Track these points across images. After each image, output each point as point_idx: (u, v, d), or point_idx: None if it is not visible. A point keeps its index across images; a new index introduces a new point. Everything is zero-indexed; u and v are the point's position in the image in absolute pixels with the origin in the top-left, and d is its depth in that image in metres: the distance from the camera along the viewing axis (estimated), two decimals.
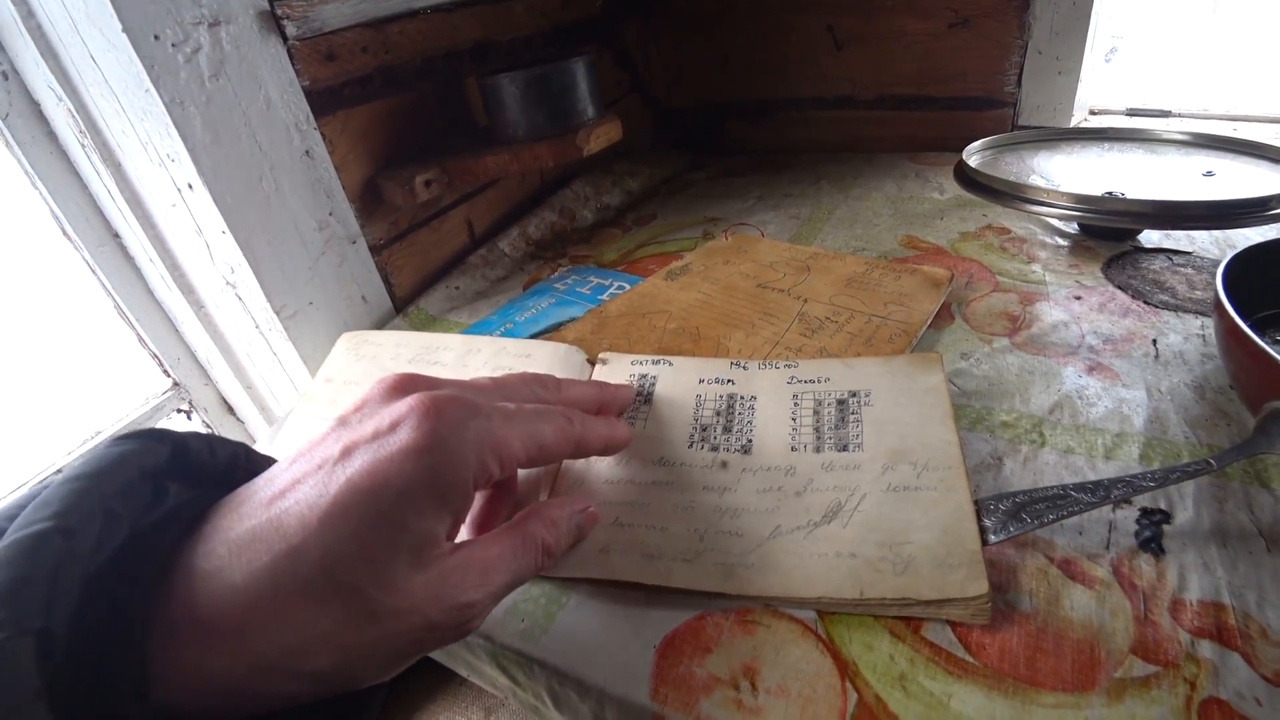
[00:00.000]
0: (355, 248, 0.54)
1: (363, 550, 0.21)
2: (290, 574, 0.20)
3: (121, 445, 0.21)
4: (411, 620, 0.22)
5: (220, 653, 0.19)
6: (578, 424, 0.30)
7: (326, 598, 0.20)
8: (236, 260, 0.46)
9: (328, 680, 0.21)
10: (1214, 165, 0.51)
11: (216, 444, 0.24)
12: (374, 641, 0.21)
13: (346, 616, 0.20)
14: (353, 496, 0.21)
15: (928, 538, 0.29)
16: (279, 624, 0.20)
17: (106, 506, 0.20)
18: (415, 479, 0.22)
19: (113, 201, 0.46)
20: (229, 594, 0.20)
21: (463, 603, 0.23)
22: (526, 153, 0.56)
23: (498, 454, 0.25)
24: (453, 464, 0.23)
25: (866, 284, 0.48)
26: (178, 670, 0.19)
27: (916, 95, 0.74)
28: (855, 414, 0.35)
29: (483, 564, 0.24)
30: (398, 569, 0.22)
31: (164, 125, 0.41)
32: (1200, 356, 0.38)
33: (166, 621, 0.19)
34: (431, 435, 0.23)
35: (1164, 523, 0.29)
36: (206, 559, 0.21)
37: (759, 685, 0.26)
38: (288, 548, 0.20)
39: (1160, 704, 0.23)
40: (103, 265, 0.48)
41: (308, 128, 0.48)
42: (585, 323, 0.49)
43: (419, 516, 0.22)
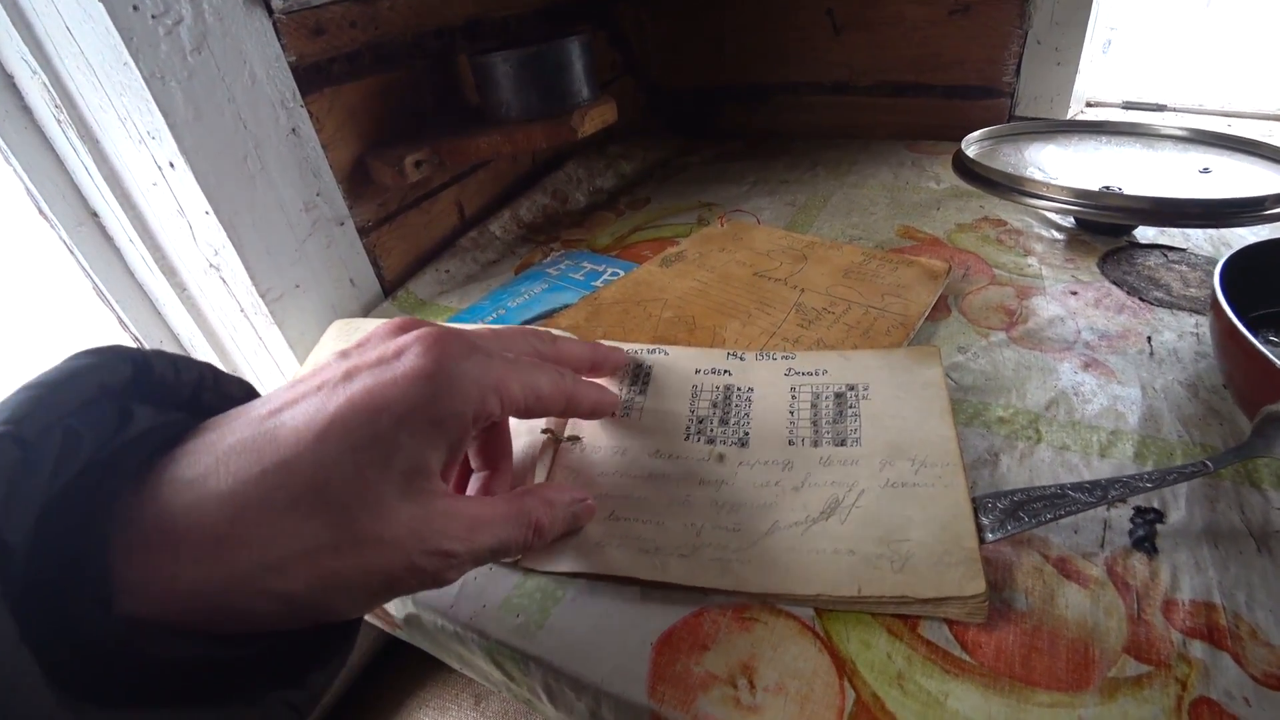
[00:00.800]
0: (343, 229, 0.53)
1: (356, 469, 0.21)
2: (279, 486, 0.20)
3: (79, 359, 0.20)
4: (392, 554, 0.21)
5: (195, 562, 0.19)
6: (569, 380, 0.30)
7: (313, 514, 0.20)
8: (220, 242, 0.45)
9: (299, 604, 0.20)
10: (1210, 162, 0.51)
11: (181, 364, 0.23)
12: (352, 569, 0.21)
13: (330, 537, 0.20)
14: (352, 414, 0.21)
15: (925, 535, 0.29)
16: (261, 537, 0.19)
17: (66, 425, 0.19)
18: (416, 403, 0.22)
19: (90, 180, 0.44)
20: (212, 502, 0.19)
21: (444, 549, 0.23)
22: (519, 133, 0.55)
23: (499, 392, 0.25)
24: (454, 393, 0.23)
25: (864, 274, 0.48)
26: (146, 581, 0.18)
27: (914, 82, 0.73)
28: (853, 408, 0.35)
29: (471, 518, 0.24)
30: (387, 493, 0.21)
31: (144, 101, 0.39)
32: (1194, 355, 0.38)
33: (137, 532, 0.19)
34: (435, 364, 0.23)
35: (1157, 522, 0.29)
36: (190, 468, 0.20)
37: (757, 683, 0.26)
38: (280, 459, 0.20)
39: (1152, 703, 0.24)
40: (81, 245, 0.46)
41: (294, 105, 0.47)
42: (579, 310, 0.49)
43: (415, 441, 0.22)
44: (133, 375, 0.21)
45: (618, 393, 0.38)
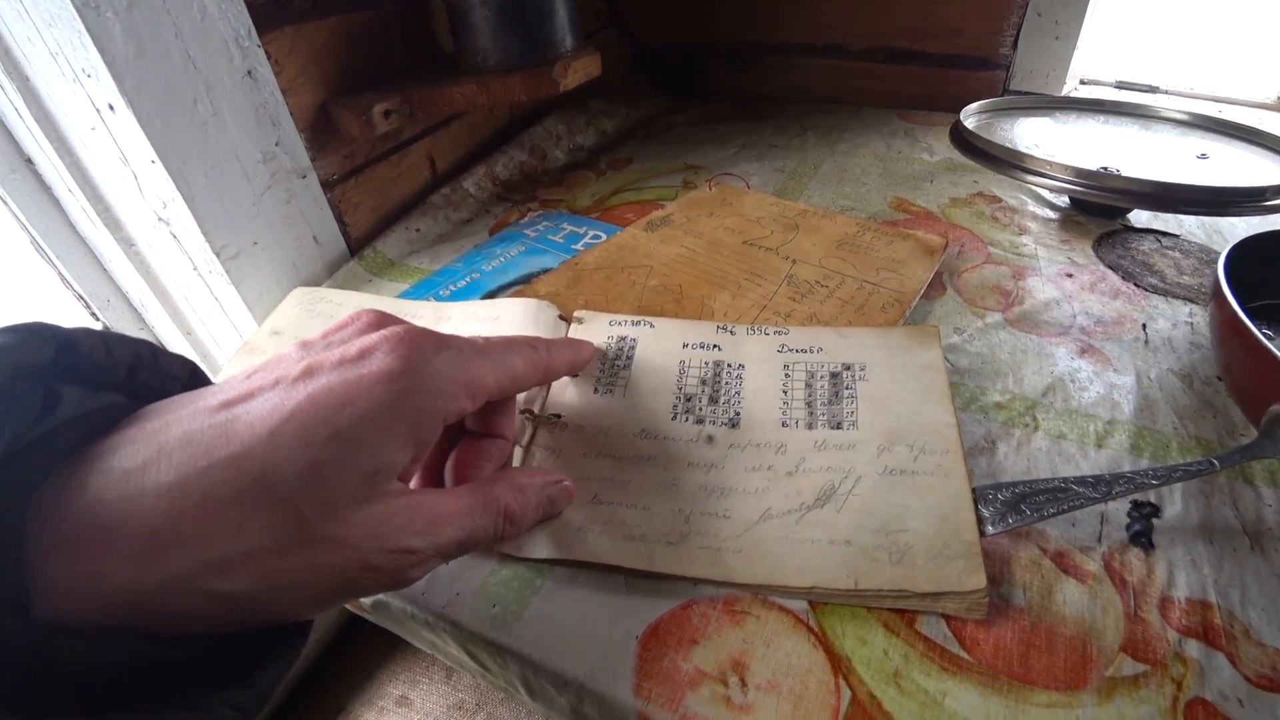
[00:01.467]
0: (305, 183, 0.49)
1: (310, 467, 0.19)
2: (225, 481, 0.18)
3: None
4: (345, 554, 0.20)
5: (127, 559, 0.17)
6: (544, 351, 0.30)
7: (259, 512, 0.19)
8: (169, 194, 0.41)
9: (244, 606, 0.19)
10: (1208, 148, 0.50)
11: (113, 342, 0.21)
12: (300, 569, 0.19)
13: (276, 536, 0.19)
14: (312, 410, 0.20)
15: (924, 526, 0.28)
16: (201, 533, 0.18)
17: None
18: (384, 404, 0.21)
19: (21, 121, 0.40)
20: (150, 496, 0.18)
21: (404, 547, 0.21)
22: (497, 84, 0.51)
23: (469, 387, 0.25)
24: (424, 393, 0.22)
25: (858, 247, 0.47)
26: (71, 580, 0.17)
27: (910, 49, 0.71)
28: (849, 389, 0.34)
29: (433, 513, 0.23)
30: (343, 495, 0.20)
31: (76, 33, 0.35)
32: (1188, 345, 0.38)
33: (62, 526, 0.17)
34: (404, 363, 0.22)
35: (1154, 516, 0.29)
36: (128, 458, 0.19)
37: (748, 680, 0.25)
38: (229, 454, 0.19)
39: (1148, 703, 0.23)
40: (14, 195, 0.42)
41: (250, 45, 0.43)
42: (559, 275, 0.46)
43: (380, 441, 0.21)
44: (55, 355, 0.19)
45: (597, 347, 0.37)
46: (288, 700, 0.55)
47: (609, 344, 0.38)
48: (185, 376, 0.23)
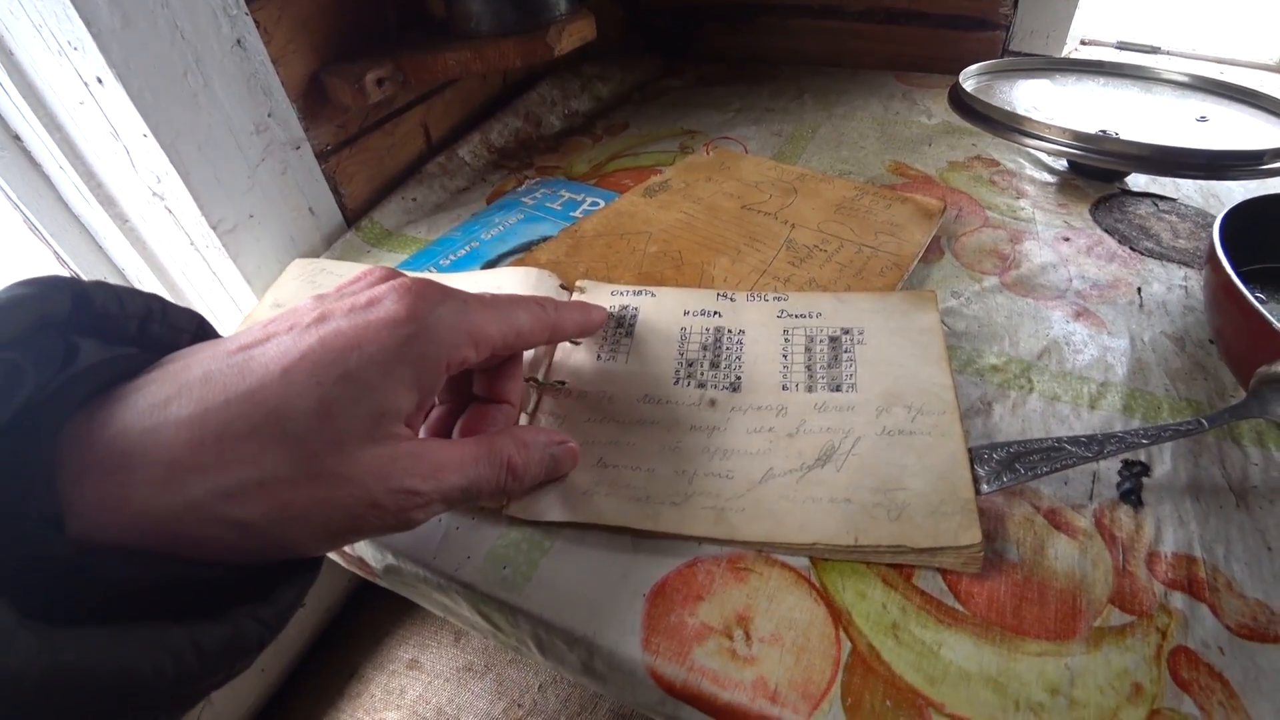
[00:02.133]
0: (299, 153, 0.48)
1: (320, 405, 0.21)
2: (242, 415, 0.20)
3: (15, 290, 0.19)
4: (352, 490, 0.21)
5: (148, 485, 0.19)
6: (551, 310, 0.30)
7: (273, 445, 0.20)
8: (163, 168, 0.40)
9: (257, 535, 0.20)
10: (1208, 110, 0.50)
11: (126, 296, 0.22)
12: (309, 501, 0.20)
13: (287, 468, 0.20)
14: (322, 352, 0.21)
15: (922, 484, 0.28)
16: (218, 461, 0.19)
17: (6, 358, 0.18)
18: (389, 347, 0.22)
19: (7, 96, 0.39)
20: (171, 428, 0.19)
21: (408, 488, 0.22)
22: (491, 50, 0.51)
23: (473, 337, 0.25)
24: (428, 339, 0.23)
25: (856, 210, 0.47)
26: (99, 504, 0.18)
27: (908, 9, 0.70)
28: (848, 352, 0.35)
29: (437, 459, 0.24)
30: (351, 434, 0.21)
31: (60, 5, 0.34)
32: (1182, 308, 0.38)
33: (89, 454, 0.19)
34: (410, 310, 0.23)
35: (1143, 475, 0.30)
36: (151, 395, 0.20)
37: (752, 634, 0.26)
38: (245, 390, 0.20)
39: (1134, 652, 0.24)
40: (4, 172, 0.41)
41: (238, 12, 0.42)
42: (559, 243, 0.46)
43: (386, 384, 0.22)
44: (72, 308, 0.20)
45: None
46: (300, 664, 0.56)
47: (611, 312, 0.38)
48: (193, 329, 0.24)
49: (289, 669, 0.56)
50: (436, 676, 0.55)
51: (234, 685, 0.49)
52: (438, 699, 0.53)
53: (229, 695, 0.50)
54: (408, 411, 0.23)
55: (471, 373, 0.32)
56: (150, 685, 0.17)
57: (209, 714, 0.48)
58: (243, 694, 0.52)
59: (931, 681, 0.24)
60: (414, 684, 0.54)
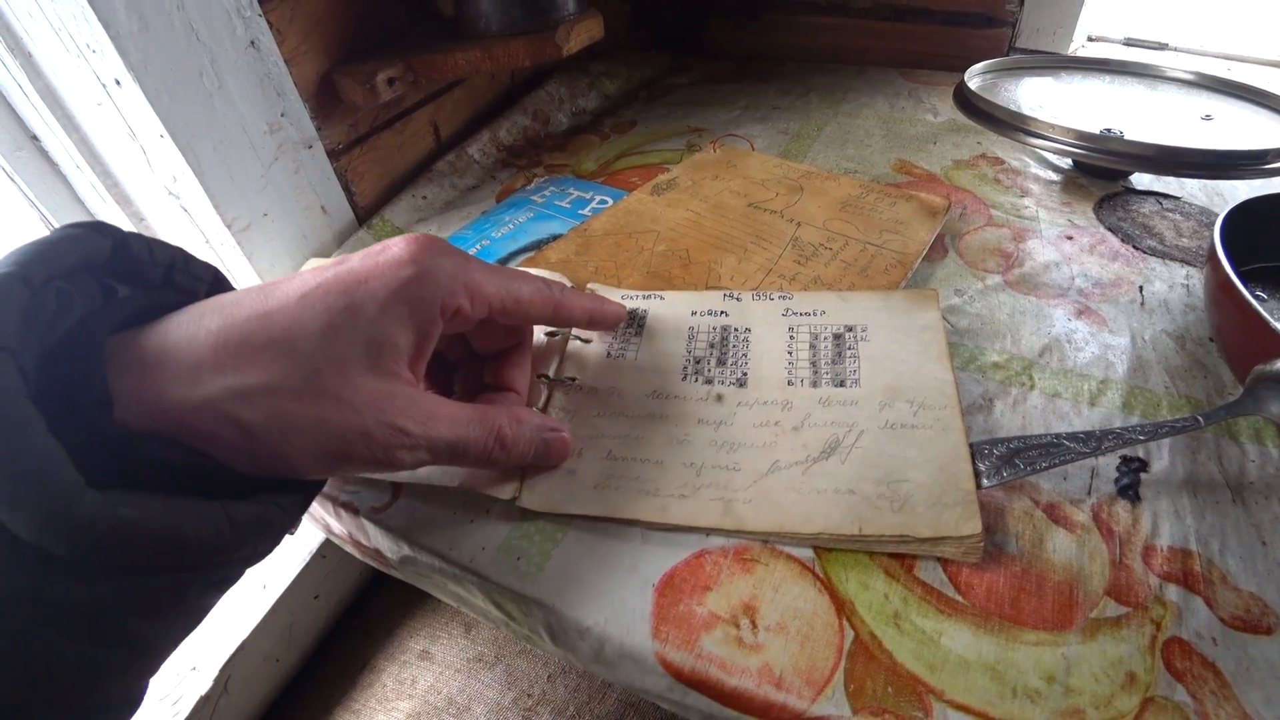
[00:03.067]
0: (311, 153, 0.49)
1: (327, 327, 0.23)
2: (258, 330, 0.23)
3: (67, 230, 0.22)
4: (347, 414, 0.23)
5: (177, 380, 0.21)
6: (556, 290, 0.32)
7: (282, 358, 0.23)
8: (179, 168, 0.41)
9: (258, 437, 0.22)
10: (1213, 108, 0.50)
11: (155, 246, 0.25)
12: (306, 415, 0.23)
13: (292, 379, 0.22)
14: (334, 284, 0.24)
15: (924, 476, 0.29)
16: (235, 365, 0.22)
17: (59, 285, 0.21)
18: (391, 285, 0.25)
19: (26, 99, 0.40)
20: (200, 335, 0.22)
21: (399, 426, 0.24)
22: (500, 49, 0.51)
23: (470, 289, 0.27)
24: (426, 281, 0.26)
25: (861, 208, 0.47)
26: (139, 394, 0.21)
27: (914, 6, 0.70)
28: (852, 349, 0.35)
29: (431, 408, 0.26)
30: (352, 360, 0.24)
31: (78, 8, 0.35)
32: (1183, 307, 0.39)
33: (132, 357, 0.22)
34: (411, 254, 0.26)
35: (1141, 470, 0.30)
36: (190, 314, 0.23)
37: (759, 623, 0.26)
38: (265, 310, 0.23)
39: (1129, 642, 0.25)
40: (22, 172, 0.42)
41: (252, 14, 0.42)
42: (569, 242, 0.47)
43: (385, 317, 0.25)
44: (111, 251, 0.23)
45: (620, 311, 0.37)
46: (314, 655, 0.57)
47: None
48: (210, 279, 0.27)
49: (303, 660, 0.57)
50: (448, 667, 0.56)
51: (249, 677, 0.50)
52: (449, 689, 0.54)
53: (245, 686, 0.51)
54: (406, 350, 0.26)
55: (483, 362, 0.33)
56: (192, 547, 0.20)
57: (226, 703, 0.49)
58: (258, 685, 0.53)
59: (932, 669, 0.25)
60: (425, 674, 0.55)
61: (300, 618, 0.54)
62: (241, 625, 0.49)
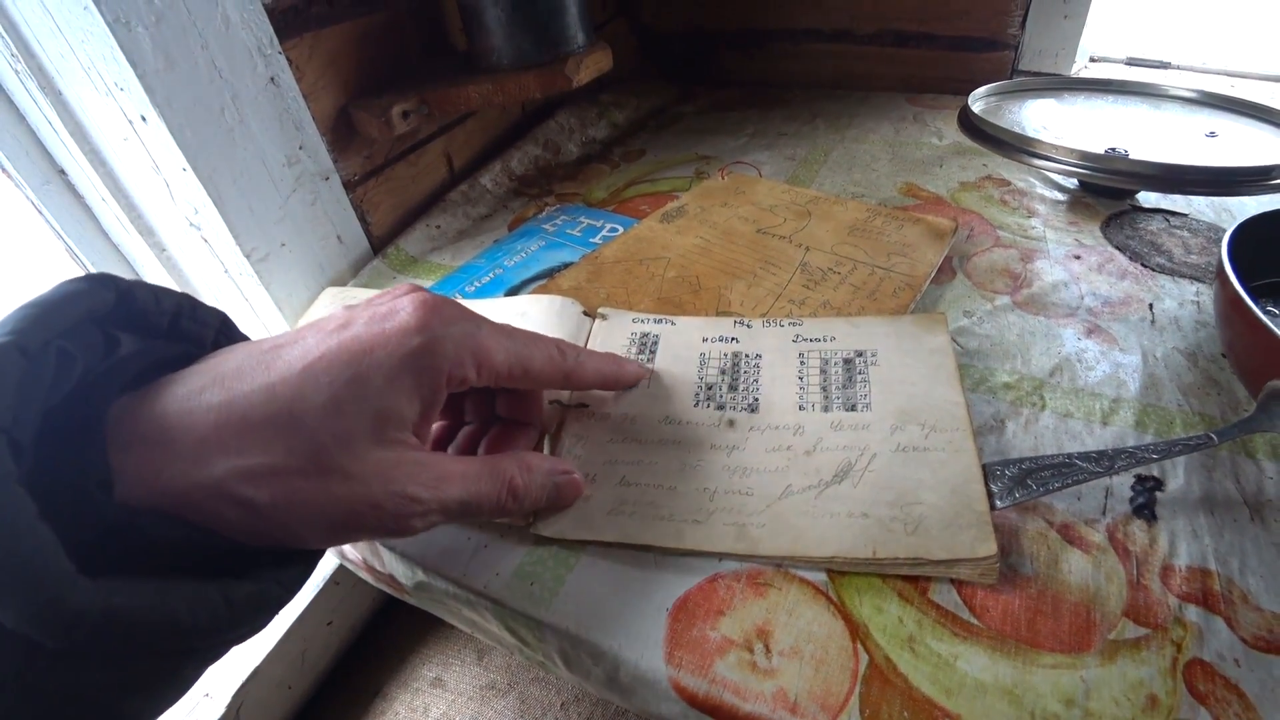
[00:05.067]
0: (328, 184, 0.50)
1: (331, 401, 0.23)
2: (260, 406, 0.22)
3: (70, 285, 0.22)
4: (354, 487, 0.23)
5: (180, 459, 0.21)
6: (570, 357, 0.31)
7: (287, 434, 0.22)
8: (200, 200, 0.42)
9: (264, 517, 0.22)
10: (1217, 126, 0.51)
11: (161, 294, 0.24)
12: (314, 492, 0.22)
13: (297, 458, 0.22)
14: (339, 354, 0.23)
15: (937, 498, 0.29)
16: (238, 445, 0.21)
17: (59, 345, 0.20)
18: (396, 355, 0.24)
19: (55, 135, 0.41)
20: (201, 411, 0.22)
21: (409, 494, 0.24)
22: (511, 82, 0.53)
23: (477, 358, 0.27)
24: (433, 352, 0.25)
25: (869, 232, 0.48)
26: (139, 473, 0.21)
27: (917, 32, 0.71)
28: (862, 374, 0.35)
29: (440, 471, 0.25)
30: (358, 433, 0.23)
31: (108, 49, 0.36)
32: (1194, 323, 0.39)
33: (131, 431, 0.21)
34: (421, 322, 0.25)
35: (1157, 489, 0.30)
36: (191, 383, 0.22)
37: (772, 647, 0.26)
38: (268, 383, 0.22)
39: (1149, 664, 0.25)
40: (49, 205, 0.43)
41: (272, 52, 0.44)
42: (580, 269, 0.48)
43: (390, 388, 0.24)
44: (116, 302, 0.23)
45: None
46: (326, 682, 0.57)
47: (632, 339, 0.39)
48: (217, 324, 0.26)
49: (315, 687, 0.57)
50: (460, 695, 0.55)
51: (261, 703, 0.50)
52: (461, 717, 0.54)
53: (257, 713, 0.51)
54: (411, 419, 0.25)
55: (495, 394, 0.33)
56: (187, 631, 0.20)
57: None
58: (270, 712, 0.53)
59: (948, 693, 0.24)
60: (438, 702, 0.55)
61: (313, 644, 0.55)
62: (254, 652, 0.49)
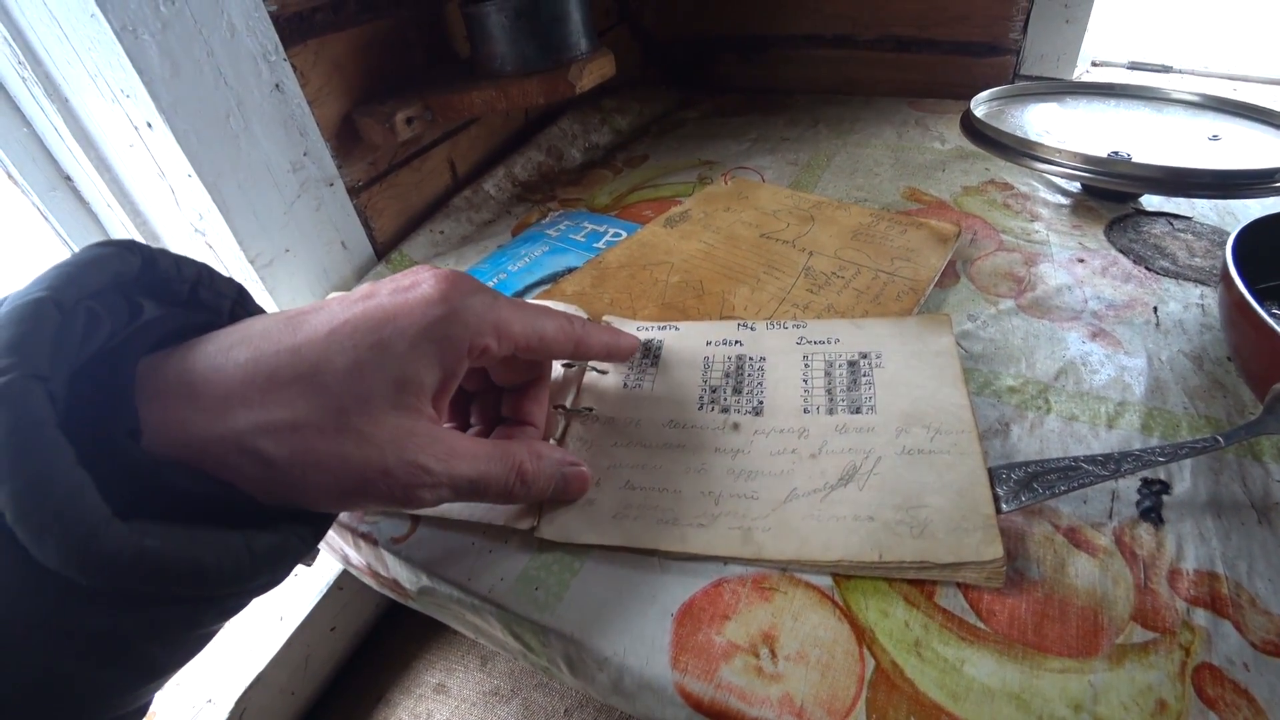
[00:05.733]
0: (333, 190, 0.51)
1: (354, 364, 0.23)
2: (286, 365, 0.23)
3: (97, 249, 0.23)
4: (368, 451, 0.23)
5: (204, 411, 0.22)
6: (579, 325, 0.32)
7: (309, 393, 0.23)
8: (205, 205, 0.43)
9: (279, 472, 0.22)
10: (1220, 129, 0.51)
11: (183, 262, 0.25)
12: (330, 452, 0.23)
13: (317, 415, 0.23)
14: (363, 319, 0.24)
15: (943, 501, 0.29)
16: (262, 400, 0.22)
17: (88, 305, 0.21)
18: (419, 323, 0.25)
19: (61, 141, 0.42)
20: (228, 368, 0.23)
21: (420, 463, 0.24)
22: (514, 89, 0.53)
23: (498, 328, 0.27)
24: (455, 321, 0.26)
25: (872, 237, 0.48)
26: (165, 424, 0.21)
27: (919, 37, 0.71)
28: (867, 376, 0.35)
29: (453, 445, 0.26)
30: (376, 397, 0.24)
31: (115, 56, 0.36)
32: (1199, 326, 0.39)
33: (161, 385, 0.22)
34: (442, 293, 0.26)
35: (1163, 493, 0.30)
36: (219, 343, 0.23)
37: (778, 652, 0.26)
38: (294, 344, 0.23)
39: (1157, 669, 0.25)
40: (55, 211, 0.44)
41: (277, 58, 0.44)
42: (584, 274, 0.48)
43: (412, 355, 0.25)
44: (140, 268, 0.23)
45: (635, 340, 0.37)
46: (329, 688, 0.57)
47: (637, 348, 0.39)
48: (234, 295, 0.27)
49: (318, 693, 0.57)
50: (463, 701, 0.55)
51: (264, 709, 0.50)
52: None
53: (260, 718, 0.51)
54: (431, 387, 0.26)
55: (500, 395, 0.33)
56: (213, 577, 0.20)
57: None
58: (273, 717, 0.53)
59: (955, 698, 0.24)
60: (441, 708, 0.55)
61: (316, 650, 0.54)
62: (258, 657, 0.49)
